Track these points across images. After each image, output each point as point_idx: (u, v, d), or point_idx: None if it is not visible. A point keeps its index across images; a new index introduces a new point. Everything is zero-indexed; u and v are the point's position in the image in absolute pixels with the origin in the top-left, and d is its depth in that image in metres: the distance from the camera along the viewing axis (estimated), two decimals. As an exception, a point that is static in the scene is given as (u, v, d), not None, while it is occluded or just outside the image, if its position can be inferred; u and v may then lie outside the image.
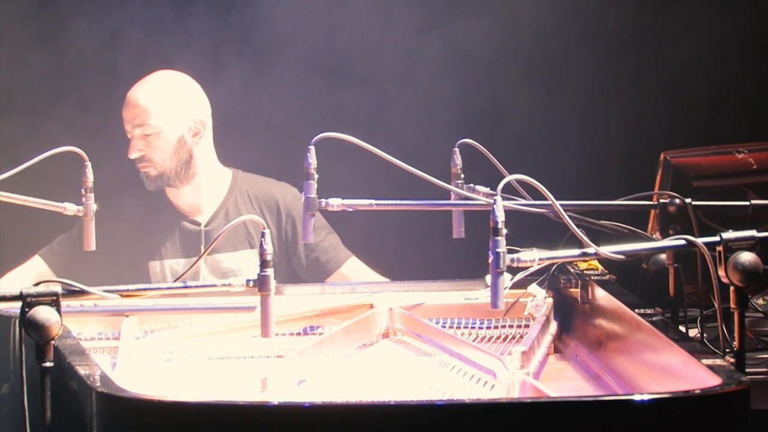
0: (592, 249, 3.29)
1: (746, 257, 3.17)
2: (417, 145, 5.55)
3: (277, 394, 3.29)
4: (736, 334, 3.19)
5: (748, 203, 3.84)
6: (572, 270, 4.00)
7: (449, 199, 3.93)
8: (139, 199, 4.99)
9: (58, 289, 3.09)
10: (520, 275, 3.66)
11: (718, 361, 3.05)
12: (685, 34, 5.74)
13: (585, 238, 3.30)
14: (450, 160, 3.95)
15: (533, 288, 3.96)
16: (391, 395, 3.37)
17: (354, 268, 4.99)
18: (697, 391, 2.85)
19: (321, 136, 3.77)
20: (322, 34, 5.82)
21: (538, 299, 3.94)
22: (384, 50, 5.80)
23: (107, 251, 4.87)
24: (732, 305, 3.20)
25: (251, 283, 3.32)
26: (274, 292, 3.31)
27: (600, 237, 3.71)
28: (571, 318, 3.94)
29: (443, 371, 3.57)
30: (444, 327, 3.92)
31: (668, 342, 3.22)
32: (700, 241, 3.27)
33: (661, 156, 4.27)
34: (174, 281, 3.44)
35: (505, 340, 3.91)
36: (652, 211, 3.97)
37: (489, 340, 3.92)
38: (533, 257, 3.27)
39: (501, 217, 3.15)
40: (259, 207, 4.98)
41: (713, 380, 2.92)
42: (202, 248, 4.90)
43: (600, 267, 3.98)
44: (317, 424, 2.82)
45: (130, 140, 4.91)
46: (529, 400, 3.08)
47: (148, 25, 5.70)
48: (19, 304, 3.06)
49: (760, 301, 4.25)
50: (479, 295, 4.03)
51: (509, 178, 3.30)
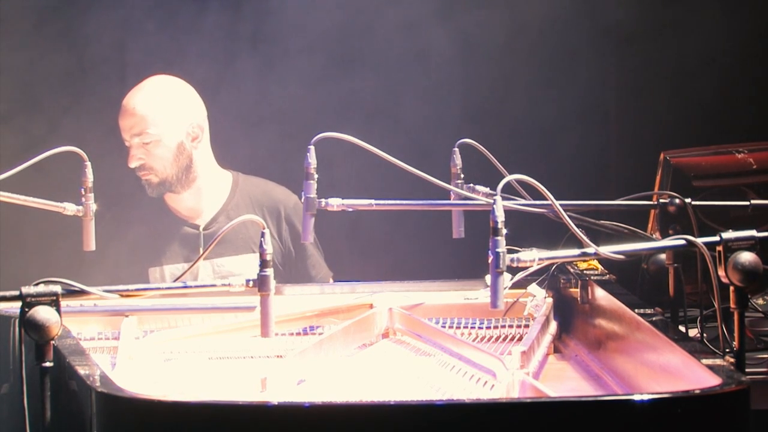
0: (591, 249, 3.29)
1: (746, 257, 3.17)
2: (421, 140, 5.56)
3: (276, 394, 3.29)
4: (735, 334, 3.19)
5: (747, 203, 3.84)
6: (572, 270, 4.00)
7: (449, 199, 3.93)
8: (136, 205, 4.98)
9: (57, 289, 3.09)
10: (519, 275, 3.66)
11: (718, 361, 3.05)
12: (686, 34, 5.74)
13: (585, 238, 3.30)
14: (450, 160, 3.95)
15: (533, 288, 3.95)
16: (390, 395, 3.37)
17: None
18: (697, 391, 2.85)
19: (321, 136, 3.76)
20: (334, 23, 5.81)
21: (538, 299, 3.94)
22: (391, 40, 5.79)
23: (108, 258, 4.88)
24: (732, 305, 3.19)
25: (251, 283, 3.32)
26: (274, 292, 3.32)
27: (600, 237, 3.71)
28: (570, 318, 3.94)
29: (443, 371, 3.57)
30: (444, 327, 3.92)
31: (668, 342, 3.22)
32: (699, 241, 3.27)
33: (661, 156, 4.27)
34: (173, 281, 3.43)
35: (504, 340, 3.91)
36: (652, 211, 3.97)
37: (489, 340, 3.92)
38: (533, 257, 3.27)
39: (501, 217, 3.15)
40: (260, 210, 4.97)
41: (713, 380, 2.92)
42: (201, 250, 4.89)
43: (600, 267, 3.98)
44: (317, 424, 2.82)
45: (128, 149, 4.89)
46: (528, 400, 3.08)
47: (161, 17, 5.68)
48: (18, 304, 3.06)
49: (760, 301, 4.25)
50: (479, 295, 4.03)
51: (509, 177, 3.30)
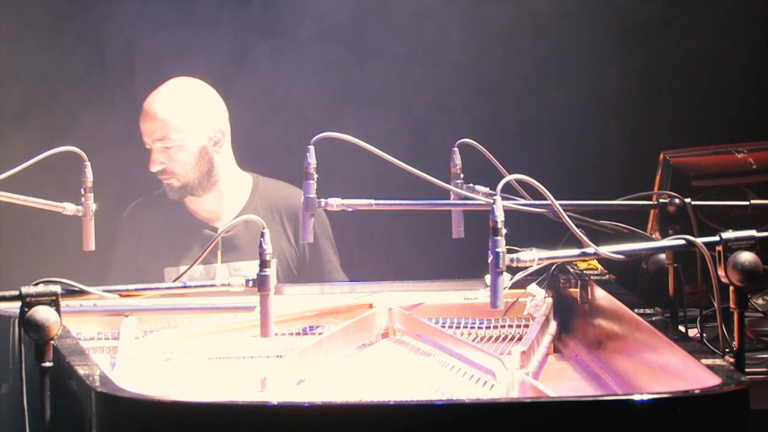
0: (591, 249, 3.29)
1: (746, 257, 3.17)
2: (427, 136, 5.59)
3: (276, 394, 3.29)
4: (735, 334, 3.19)
5: (747, 203, 3.84)
6: (572, 270, 4.00)
7: (449, 199, 3.93)
8: (156, 206, 4.96)
9: (57, 288, 3.08)
10: (519, 275, 3.66)
11: (718, 361, 3.05)
12: (687, 34, 5.74)
13: (584, 237, 3.30)
14: (450, 160, 3.95)
15: (533, 288, 3.95)
16: (390, 395, 3.37)
17: None
18: (697, 391, 2.85)
19: (320, 136, 3.76)
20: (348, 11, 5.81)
21: (538, 299, 3.94)
22: (392, 35, 5.80)
23: (123, 257, 4.88)
24: (731, 305, 3.19)
25: (251, 283, 3.32)
26: (274, 292, 3.32)
27: (599, 237, 3.71)
28: (570, 318, 3.94)
29: (443, 371, 3.57)
30: (443, 327, 3.92)
31: (668, 342, 3.22)
32: (699, 240, 3.27)
33: (661, 156, 4.27)
34: (173, 281, 3.43)
35: (504, 340, 3.91)
36: (652, 211, 3.97)
37: (488, 340, 3.92)
38: (533, 257, 3.27)
39: (500, 216, 3.15)
40: (279, 215, 4.93)
41: (713, 380, 2.92)
42: (219, 254, 4.87)
43: (599, 267, 3.98)
44: (317, 424, 2.81)
45: (150, 152, 4.85)
46: (528, 400, 3.08)
47: (173, 10, 5.68)
48: (18, 303, 3.06)
49: (760, 301, 4.25)
50: (479, 294, 4.03)
51: (509, 177, 3.30)
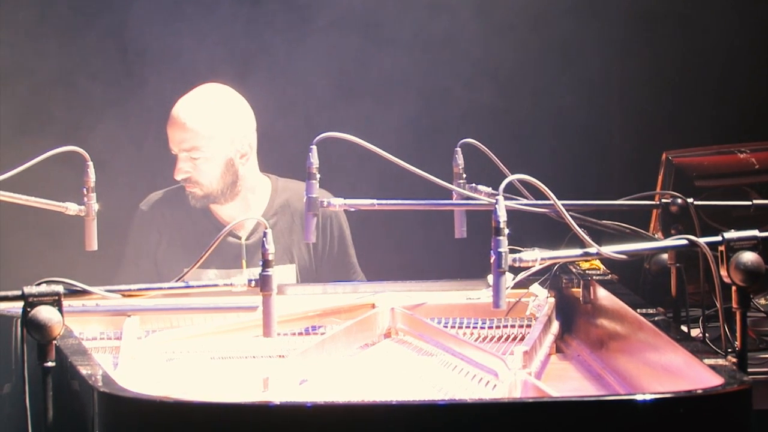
0: (594, 249, 3.29)
1: (748, 257, 3.17)
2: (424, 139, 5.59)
3: (279, 394, 3.28)
4: (738, 334, 3.19)
5: (750, 203, 3.84)
6: (574, 270, 4.00)
7: (451, 199, 3.92)
8: (178, 202, 4.94)
9: (60, 288, 3.08)
10: (522, 275, 3.67)
11: (720, 361, 3.05)
12: (690, 33, 5.74)
13: (587, 237, 3.30)
14: (452, 160, 3.95)
15: (535, 288, 3.95)
16: (393, 395, 3.36)
17: None
18: (699, 391, 2.85)
19: (322, 136, 3.76)
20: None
21: (540, 299, 3.94)
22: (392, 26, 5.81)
23: (138, 253, 4.87)
24: (734, 305, 3.19)
25: (253, 283, 3.32)
26: (276, 291, 3.32)
27: (602, 237, 3.70)
28: (573, 318, 3.94)
29: (445, 371, 3.57)
30: (446, 327, 3.92)
31: (670, 342, 3.22)
32: (702, 240, 3.27)
33: (663, 156, 4.27)
34: (175, 281, 3.43)
35: (507, 339, 3.91)
36: (654, 211, 3.97)
37: (491, 339, 3.92)
38: (535, 257, 3.27)
39: (503, 216, 3.15)
40: (299, 217, 4.90)
41: (715, 380, 2.92)
42: (243, 262, 4.84)
43: (602, 267, 3.98)
44: (319, 424, 2.81)
45: (175, 159, 4.81)
46: (531, 400, 3.07)
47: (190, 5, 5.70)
48: (21, 303, 3.06)
49: (762, 301, 4.25)
50: (481, 294, 4.03)
51: (511, 177, 3.30)
